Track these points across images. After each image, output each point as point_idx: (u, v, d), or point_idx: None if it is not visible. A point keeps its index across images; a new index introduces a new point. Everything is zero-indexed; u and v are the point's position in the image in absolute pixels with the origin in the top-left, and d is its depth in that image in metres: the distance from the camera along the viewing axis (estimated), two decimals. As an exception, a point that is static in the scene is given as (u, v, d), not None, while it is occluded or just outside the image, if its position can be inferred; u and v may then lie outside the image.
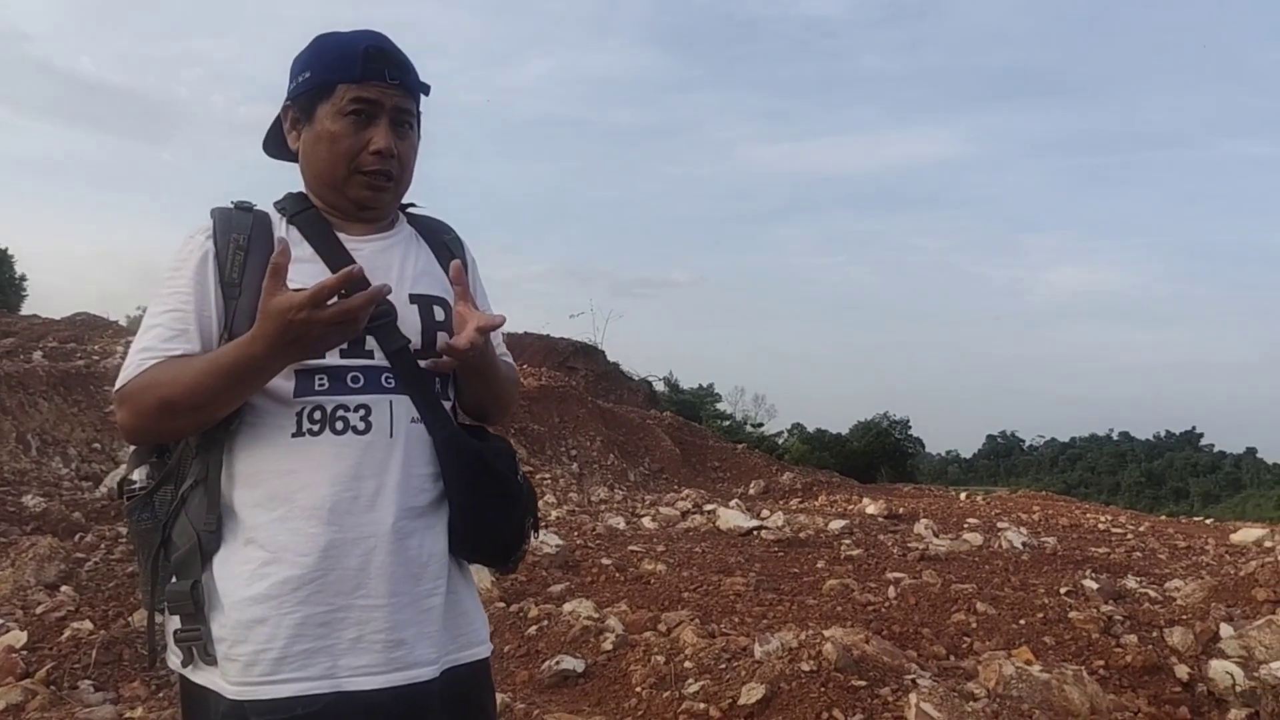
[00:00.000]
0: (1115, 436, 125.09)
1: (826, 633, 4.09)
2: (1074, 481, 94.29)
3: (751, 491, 15.79)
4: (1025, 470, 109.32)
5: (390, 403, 1.57)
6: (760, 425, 38.73)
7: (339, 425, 1.53)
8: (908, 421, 46.36)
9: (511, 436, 14.09)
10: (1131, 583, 7.32)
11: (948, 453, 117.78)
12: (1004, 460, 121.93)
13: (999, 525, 10.82)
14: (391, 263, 1.68)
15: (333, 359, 1.53)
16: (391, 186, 1.67)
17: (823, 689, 3.56)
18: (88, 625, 4.58)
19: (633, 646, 4.51)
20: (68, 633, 4.46)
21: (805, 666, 3.67)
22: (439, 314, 1.67)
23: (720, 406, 38.25)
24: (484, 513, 1.64)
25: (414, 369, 1.61)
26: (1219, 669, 4.73)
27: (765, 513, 11.08)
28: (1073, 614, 5.54)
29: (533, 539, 1.75)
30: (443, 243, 1.78)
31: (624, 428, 18.32)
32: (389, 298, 1.53)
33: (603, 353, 26.34)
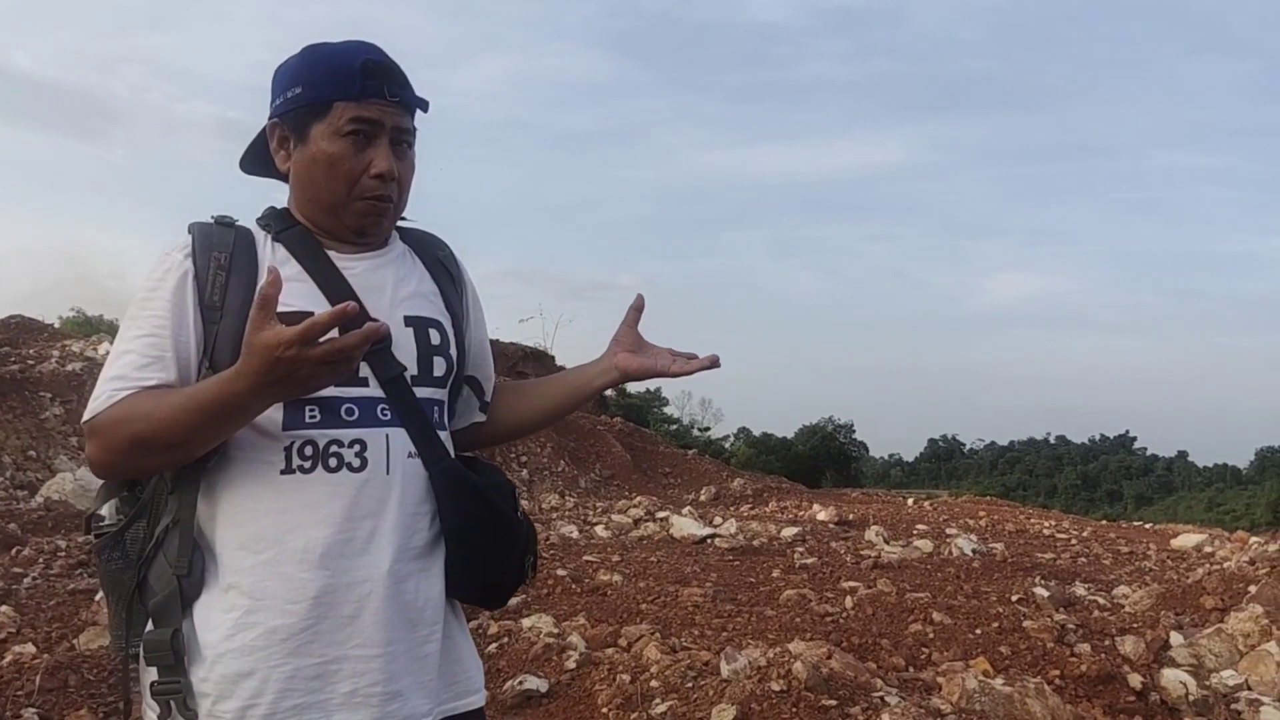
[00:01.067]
0: (1052, 440, 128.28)
1: (793, 648, 4.07)
2: (1013, 484, 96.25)
3: (703, 498, 15.81)
4: (966, 473, 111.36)
5: (386, 436, 1.48)
6: (707, 429, 39.06)
7: (332, 462, 1.44)
8: (852, 425, 47.17)
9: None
10: (1080, 590, 7.46)
11: (890, 456, 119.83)
12: (945, 463, 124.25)
13: (948, 532, 10.95)
14: (384, 282, 1.56)
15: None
16: (389, 212, 1.56)
17: (794, 710, 3.53)
18: (30, 649, 4.39)
19: (596, 664, 4.45)
20: (9, 657, 4.28)
21: (775, 686, 3.64)
22: (434, 338, 1.57)
23: (668, 410, 38.40)
24: (483, 552, 1.55)
25: (410, 399, 1.51)
26: (1172, 678, 4.82)
27: (718, 520, 11.08)
28: (1027, 623, 5.61)
29: (530, 577, 1.68)
30: (437, 260, 1.68)
31: (574, 434, 18.27)
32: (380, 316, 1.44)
33: (552, 357, 26.22)
